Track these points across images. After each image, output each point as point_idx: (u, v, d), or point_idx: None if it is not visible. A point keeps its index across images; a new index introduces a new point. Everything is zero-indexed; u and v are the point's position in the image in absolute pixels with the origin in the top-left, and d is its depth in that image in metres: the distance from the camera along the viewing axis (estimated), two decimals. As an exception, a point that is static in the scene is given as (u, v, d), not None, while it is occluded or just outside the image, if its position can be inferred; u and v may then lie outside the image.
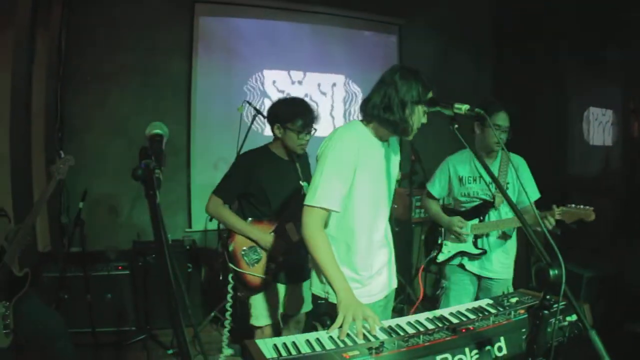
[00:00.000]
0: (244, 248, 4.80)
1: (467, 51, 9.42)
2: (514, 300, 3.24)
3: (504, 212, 5.08)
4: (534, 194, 5.11)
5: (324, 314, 3.29)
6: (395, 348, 2.48)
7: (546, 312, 2.20)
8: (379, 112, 3.31)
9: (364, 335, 2.75)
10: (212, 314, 7.29)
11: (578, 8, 7.99)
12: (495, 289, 5.03)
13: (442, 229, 5.27)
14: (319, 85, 9.29)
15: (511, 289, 5.08)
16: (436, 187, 5.32)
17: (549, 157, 5.42)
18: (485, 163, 2.77)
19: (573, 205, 4.61)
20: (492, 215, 5.09)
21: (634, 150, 7.83)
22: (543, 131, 8.36)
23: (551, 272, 2.14)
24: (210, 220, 6.52)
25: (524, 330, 2.58)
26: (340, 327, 2.82)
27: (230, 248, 4.82)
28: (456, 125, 2.81)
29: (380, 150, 3.47)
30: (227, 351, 5.48)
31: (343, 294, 3.04)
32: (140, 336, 6.70)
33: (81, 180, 6.29)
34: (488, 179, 5.12)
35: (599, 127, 8.70)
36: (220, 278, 7.08)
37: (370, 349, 2.43)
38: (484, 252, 5.06)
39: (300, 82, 9.15)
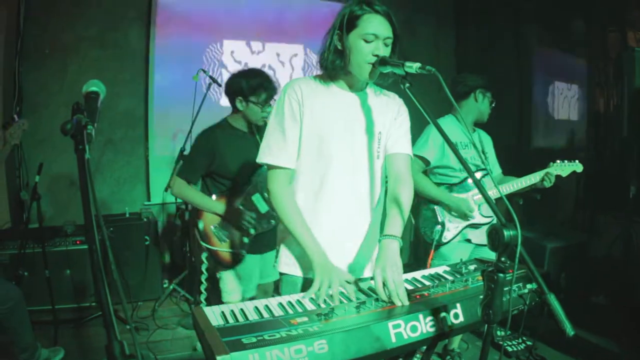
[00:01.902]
0: (214, 225, 4.78)
1: (428, 22, 9.41)
2: (471, 267, 3.21)
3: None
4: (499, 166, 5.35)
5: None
6: (345, 314, 2.42)
7: (501, 275, 2.14)
8: (320, 60, 3.22)
9: (313, 301, 2.71)
10: (171, 286, 7.26)
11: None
12: (487, 255, 5.04)
13: (436, 207, 5.11)
14: (277, 55, 9.24)
15: None
16: (431, 152, 5.02)
17: (514, 130, 5.41)
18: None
19: (565, 161, 4.97)
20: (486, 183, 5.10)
21: (599, 125, 7.84)
22: (508, 105, 8.36)
23: (506, 233, 2.09)
24: (166, 190, 6.50)
25: (481, 297, 2.53)
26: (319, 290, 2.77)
27: (201, 226, 4.79)
28: (407, 84, 2.73)
29: (344, 101, 3.24)
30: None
31: (317, 257, 2.96)
32: (100, 312, 6.57)
33: (40, 155, 6.21)
34: (479, 146, 5.14)
35: (564, 101, 8.70)
36: (182, 249, 7.07)
37: (319, 314, 2.37)
38: (492, 219, 5.05)
39: (259, 53, 9.09)
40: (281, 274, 3.37)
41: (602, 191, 6.60)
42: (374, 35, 2.97)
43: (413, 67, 2.66)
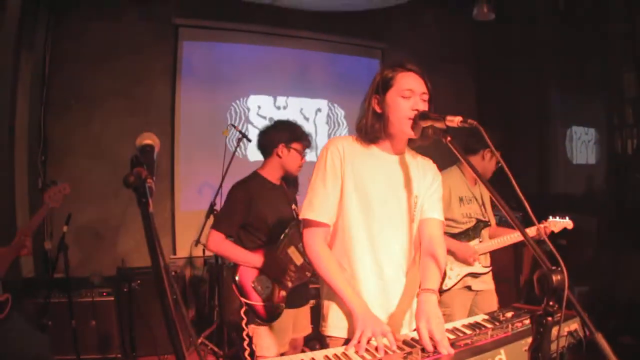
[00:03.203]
0: (253, 279, 4.73)
1: (448, 74, 9.45)
2: (509, 314, 3.19)
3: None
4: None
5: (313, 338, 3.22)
6: (393, 364, 2.41)
7: (550, 318, 2.14)
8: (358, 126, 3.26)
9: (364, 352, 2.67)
10: (199, 340, 7.23)
11: (557, 28, 8.04)
12: (488, 300, 5.15)
13: None
14: (301, 109, 9.31)
15: (495, 297, 5.28)
16: None
17: (533, 176, 5.41)
18: (488, 184, 2.70)
19: (557, 218, 5.18)
20: (485, 235, 5.21)
21: (618, 167, 7.84)
22: (526, 151, 8.38)
23: (554, 278, 2.09)
24: (197, 244, 6.49)
25: (523, 342, 2.52)
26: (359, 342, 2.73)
27: (238, 280, 4.74)
28: (449, 138, 2.73)
29: (385, 164, 3.25)
30: None
31: (359, 310, 2.93)
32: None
33: (65, 205, 6.22)
34: (479, 200, 5.22)
35: (582, 145, 8.71)
36: (208, 304, 7.05)
37: (369, 365, 2.37)
38: (492, 269, 5.18)
39: (284, 108, 9.16)
40: (327, 336, 3.32)
41: (625, 232, 6.58)
42: (410, 90, 3.02)
43: (454, 120, 2.65)
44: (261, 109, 8.89)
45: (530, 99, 8.77)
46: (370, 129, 3.15)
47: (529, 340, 2.22)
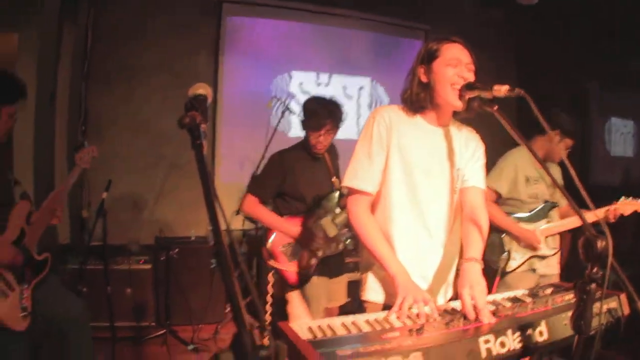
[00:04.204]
0: (284, 244, 4.80)
1: (489, 59, 9.38)
2: (548, 291, 3.17)
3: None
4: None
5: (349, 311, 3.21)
6: (436, 330, 2.41)
7: (593, 285, 2.13)
8: (403, 97, 3.25)
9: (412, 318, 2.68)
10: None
11: (599, 19, 7.96)
12: None
13: (503, 235, 5.11)
14: (344, 88, 9.28)
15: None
16: (504, 185, 5.09)
17: (571, 166, 5.35)
18: (544, 163, 2.68)
19: (630, 198, 4.96)
20: (554, 216, 5.11)
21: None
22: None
23: (599, 243, 2.08)
24: (237, 213, 6.51)
25: (563, 315, 2.51)
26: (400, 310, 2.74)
27: (269, 245, 4.82)
28: (496, 107, 2.71)
29: (429, 136, 3.26)
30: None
31: (400, 277, 2.94)
32: (160, 331, 6.67)
33: (103, 176, 6.26)
34: (548, 180, 5.11)
35: (620, 137, 8.64)
36: (249, 274, 7.07)
37: (410, 330, 2.36)
38: (557, 251, 5.09)
39: (326, 84, 9.15)
40: (365, 301, 3.36)
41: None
42: (457, 59, 3.02)
43: (502, 89, 2.64)
44: (303, 85, 8.89)
45: (569, 88, 8.69)
46: (416, 97, 3.16)
47: (569, 314, 2.22)
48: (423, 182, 3.19)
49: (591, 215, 4.98)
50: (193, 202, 8.05)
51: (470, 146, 3.35)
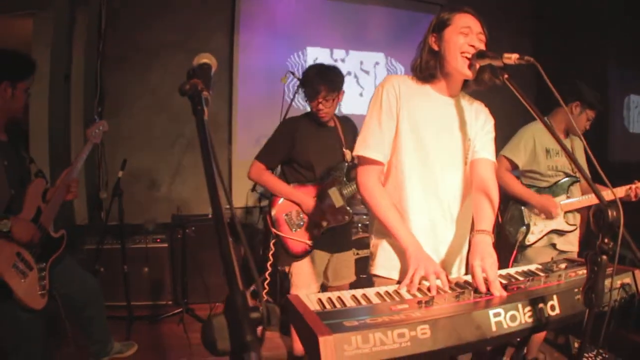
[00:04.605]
0: (287, 212, 4.80)
1: (507, 34, 9.34)
2: (562, 265, 3.15)
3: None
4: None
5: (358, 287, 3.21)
6: (445, 302, 2.39)
7: (604, 256, 2.10)
8: (413, 65, 3.23)
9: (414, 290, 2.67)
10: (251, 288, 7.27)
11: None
12: None
13: (524, 208, 5.08)
14: (361, 63, 9.26)
15: None
16: (521, 156, 5.02)
17: (590, 142, 5.30)
18: (556, 134, 2.64)
19: None
20: (575, 191, 5.06)
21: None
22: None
23: (610, 213, 2.05)
24: (253, 190, 6.51)
25: (576, 290, 2.48)
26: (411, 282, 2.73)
27: (273, 212, 4.82)
28: (506, 75, 2.68)
29: (439, 105, 3.23)
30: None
31: (412, 248, 2.92)
32: (177, 310, 6.69)
33: (120, 155, 6.29)
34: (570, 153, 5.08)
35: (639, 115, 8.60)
36: (260, 253, 7.06)
37: (419, 302, 2.34)
38: (576, 227, 5.02)
39: (342, 60, 9.12)
40: (374, 275, 3.34)
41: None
42: (468, 28, 3.00)
43: (512, 57, 2.62)
44: (319, 61, 8.82)
45: (588, 65, 8.62)
46: (425, 65, 3.14)
47: (582, 288, 2.20)
48: (434, 152, 3.17)
49: (610, 193, 4.95)
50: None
51: (480, 118, 3.33)
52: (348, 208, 4.83)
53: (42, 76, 6.56)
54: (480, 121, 3.32)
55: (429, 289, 2.67)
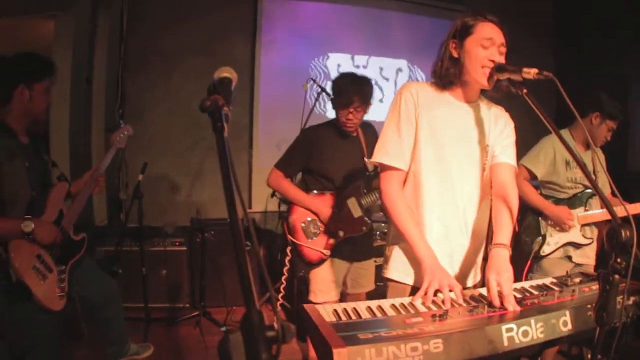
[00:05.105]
0: (305, 220, 4.82)
1: (528, 41, 9.32)
2: (577, 279, 3.16)
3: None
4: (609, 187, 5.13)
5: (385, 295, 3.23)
6: (459, 316, 2.42)
7: (617, 276, 2.12)
8: (433, 69, 3.24)
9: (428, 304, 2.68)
10: (268, 294, 7.30)
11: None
12: None
13: (541, 218, 5.05)
14: (381, 69, 9.28)
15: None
16: (540, 166, 5.00)
17: (610, 152, 5.31)
18: (570, 148, 2.65)
19: None
20: (593, 204, 5.01)
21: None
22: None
23: (623, 232, 2.07)
24: (272, 196, 6.55)
25: (589, 306, 2.49)
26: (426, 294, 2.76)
27: (290, 219, 4.86)
28: (525, 90, 2.71)
29: (458, 112, 3.25)
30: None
31: (428, 260, 2.94)
32: (194, 313, 6.72)
33: (141, 158, 6.34)
34: (590, 167, 5.05)
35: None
36: (279, 258, 7.09)
37: (433, 315, 2.37)
38: (592, 241, 4.98)
39: (364, 67, 9.15)
40: (388, 279, 3.36)
41: None
42: (489, 40, 2.99)
43: (531, 72, 2.64)
44: (340, 67, 8.90)
45: (609, 72, 8.59)
46: (445, 72, 3.15)
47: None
48: (452, 159, 3.19)
49: (632, 208, 4.92)
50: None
51: (499, 123, 3.33)
52: (366, 218, 4.83)
53: (63, 79, 6.61)
54: (500, 125, 3.33)
55: (443, 302, 2.69)
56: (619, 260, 2.13)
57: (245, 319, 1.31)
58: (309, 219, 4.84)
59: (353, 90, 4.68)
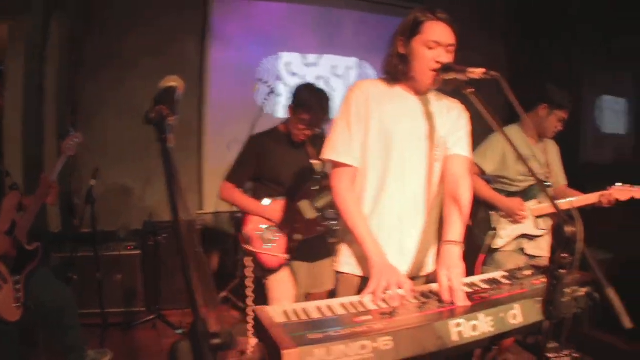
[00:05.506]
0: (260, 228, 4.81)
1: (480, 35, 9.37)
2: (527, 272, 3.20)
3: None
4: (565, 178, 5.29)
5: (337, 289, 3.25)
6: (408, 313, 2.45)
7: (562, 270, 2.16)
8: (383, 65, 3.27)
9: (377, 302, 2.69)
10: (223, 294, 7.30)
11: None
12: None
13: (492, 212, 5.09)
14: (333, 67, 9.30)
15: None
16: (488, 162, 5.02)
17: (562, 143, 5.36)
18: (513, 144, 2.69)
19: (627, 185, 4.85)
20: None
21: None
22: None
23: (567, 228, 2.11)
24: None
25: (539, 298, 2.52)
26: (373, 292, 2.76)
27: (245, 229, 4.84)
28: (470, 89, 2.74)
29: (409, 105, 3.26)
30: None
31: (376, 258, 2.95)
32: (150, 317, 6.72)
33: (94, 162, 6.31)
34: (542, 159, 5.10)
35: (612, 115, 8.65)
36: (232, 259, 7.10)
37: (383, 313, 2.40)
38: (546, 232, 5.01)
39: (315, 65, 9.16)
40: (339, 272, 3.38)
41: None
42: (436, 42, 3.01)
43: (476, 72, 2.67)
44: (291, 66, 8.91)
45: (561, 66, 8.67)
46: (394, 69, 3.18)
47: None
48: (404, 151, 3.20)
49: (584, 199, 4.98)
50: (182, 187, 8.06)
51: (452, 114, 3.35)
52: (321, 218, 4.86)
53: (16, 85, 6.56)
54: (453, 117, 3.35)
55: (391, 299, 2.71)
56: (564, 254, 2.17)
57: (192, 328, 1.34)
58: (265, 226, 4.82)
59: (321, 112, 4.71)
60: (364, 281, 3.10)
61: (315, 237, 4.87)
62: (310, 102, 4.67)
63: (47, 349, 5.13)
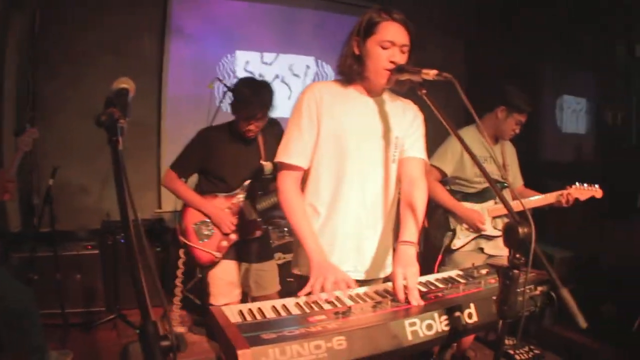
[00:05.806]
0: (196, 222, 4.82)
1: (440, 35, 9.40)
2: (483, 271, 3.22)
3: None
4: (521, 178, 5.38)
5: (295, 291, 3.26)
6: (362, 313, 2.46)
7: (516, 271, 2.18)
8: (337, 65, 3.29)
9: (332, 301, 2.70)
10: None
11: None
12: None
13: (450, 213, 5.08)
14: (290, 66, 9.28)
15: None
16: (448, 164, 5.01)
17: (522, 143, 5.41)
18: (468, 147, 2.71)
19: (585, 185, 4.97)
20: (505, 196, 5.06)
21: (606, 138, 7.87)
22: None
23: (520, 230, 2.12)
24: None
25: (494, 297, 2.55)
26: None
27: (183, 221, 4.86)
28: (424, 91, 2.76)
29: (363, 106, 3.28)
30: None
31: (316, 256, 2.98)
32: (110, 316, 6.68)
33: (53, 161, 6.26)
34: (499, 160, 5.17)
35: (572, 115, 8.71)
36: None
37: (336, 313, 2.41)
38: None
39: (271, 63, 9.13)
40: (296, 275, 3.43)
41: (611, 201, 6.66)
42: (390, 42, 3.02)
43: (430, 74, 2.69)
44: (249, 65, 8.90)
45: (521, 65, 8.72)
46: (349, 69, 3.20)
47: (500, 297, 2.27)
48: (357, 153, 3.22)
49: (542, 199, 5.02)
50: (139, 185, 7.99)
51: (407, 115, 3.37)
52: (260, 221, 4.88)
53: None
54: (409, 117, 3.37)
55: (337, 298, 2.73)
56: (517, 255, 2.19)
57: (141, 330, 1.34)
58: (201, 220, 4.83)
59: (258, 104, 4.62)
60: None
61: (256, 238, 4.91)
62: (248, 97, 4.62)
63: (9, 351, 5.08)
